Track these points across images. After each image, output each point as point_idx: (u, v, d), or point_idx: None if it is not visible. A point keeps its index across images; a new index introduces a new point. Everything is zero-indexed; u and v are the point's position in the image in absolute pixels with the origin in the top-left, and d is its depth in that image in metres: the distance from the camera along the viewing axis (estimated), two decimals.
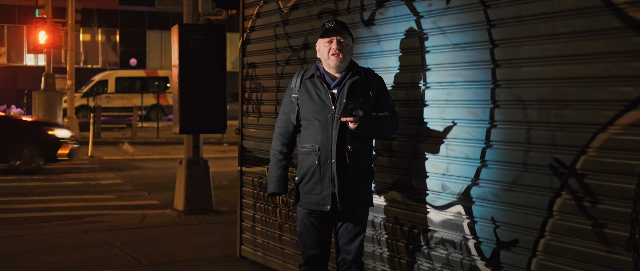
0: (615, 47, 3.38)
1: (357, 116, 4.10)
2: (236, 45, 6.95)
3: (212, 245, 7.38)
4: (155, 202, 10.66)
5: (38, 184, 12.49)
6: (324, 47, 4.33)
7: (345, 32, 4.32)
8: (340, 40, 4.29)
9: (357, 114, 4.10)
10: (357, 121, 4.11)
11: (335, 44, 4.29)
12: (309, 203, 4.35)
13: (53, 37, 22.99)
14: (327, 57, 4.32)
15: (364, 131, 4.20)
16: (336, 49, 4.27)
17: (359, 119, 4.11)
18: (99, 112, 23.96)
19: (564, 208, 3.64)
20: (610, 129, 3.41)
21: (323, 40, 4.33)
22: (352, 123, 4.12)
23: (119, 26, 43.33)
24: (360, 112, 4.11)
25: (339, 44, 4.29)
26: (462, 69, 4.22)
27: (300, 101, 4.37)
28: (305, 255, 4.46)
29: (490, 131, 4.04)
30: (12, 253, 7.06)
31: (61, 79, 30.96)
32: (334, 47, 4.29)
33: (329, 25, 4.32)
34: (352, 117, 4.09)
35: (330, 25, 4.31)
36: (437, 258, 4.44)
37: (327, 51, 4.31)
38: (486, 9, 4.02)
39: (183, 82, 8.84)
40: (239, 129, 6.70)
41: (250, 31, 6.51)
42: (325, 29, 4.32)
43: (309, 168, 4.32)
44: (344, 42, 4.30)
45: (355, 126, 4.13)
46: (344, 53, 4.29)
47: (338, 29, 4.29)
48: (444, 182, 4.37)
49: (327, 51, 4.31)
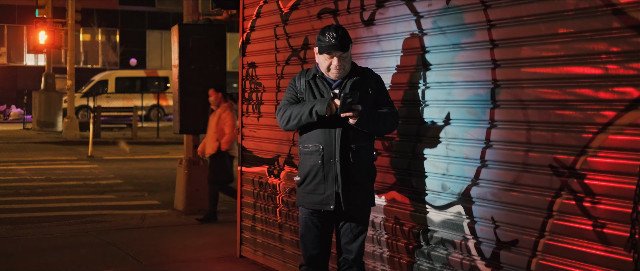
0: (615, 47, 3.38)
1: (356, 110, 4.09)
2: (236, 45, 6.96)
3: (212, 245, 7.38)
4: (155, 202, 10.66)
5: (38, 184, 12.49)
6: (324, 61, 4.30)
7: (345, 46, 4.25)
8: (342, 56, 4.26)
9: (356, 109, 4.09)
10: (357, 116, 4.10)
11: (336, 61, 4.26)
12: (312, 203, 4.34)
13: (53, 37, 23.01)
14: (326, 70, 4.31)
15: (364, 126, 4.19)
16: (337, 65, 4.27)
17: (359, 113, 4.10)
18: (99, 112, 23.95)
19: (564, 208, 3.64)
20: (610, 129, 3.41)
21: (324, 55, 4.28)
22: (352, 118, 4.11)
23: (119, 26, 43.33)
24: (359, 107, 4.10)
25: (340, 60, 4.26)
26: (462, 69, 4.22)
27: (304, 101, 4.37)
28: (306, 255, 4.46)
29: (490, 131, 4.04)
30: (12, 253, 7.06)
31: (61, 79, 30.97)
32: (335, 64, 4.27)
33: (329, 41, 4.22)
34: (351, 112, 4.08)
35: (331, 42, 4.22)
36: (437, 258, 4.44)
37: (327, 65, 4.30)
38: (486, 9, 4.02)
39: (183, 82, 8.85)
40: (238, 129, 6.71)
41: (250, 31, 6.51)
42: (326, 45, 4.24)
43: (312, 168, 4.31)
44: (344, 55, 4.28)
45: (355, 121, 4.12)
46: (344, 66, 4.28)
47: (338, 47, 4.22)
48: (444, 182, 4.37)
49: (327, 64, 4.29)
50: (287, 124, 4.33)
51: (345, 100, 4.05)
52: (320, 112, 4.15)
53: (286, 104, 4.39)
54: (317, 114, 4.17)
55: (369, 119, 4.18)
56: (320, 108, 4.15)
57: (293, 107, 4.32)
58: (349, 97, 4.04)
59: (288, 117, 4.31)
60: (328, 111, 4.13)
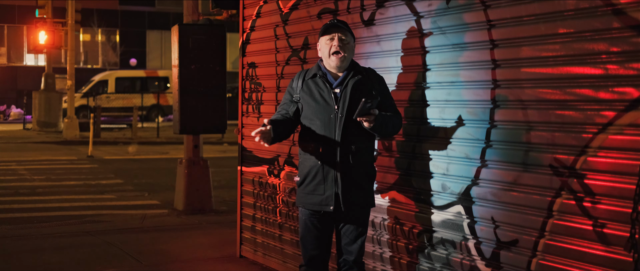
0: (615, 47, 3.38)
1: (374, 114, 4.09)
2: (236, 45, 6.96)
3: (212, 245, 7.38)
4: (155, 202, 10.67)
5: (38, 184, 12.49)
6: (325, 45, 4.31)
7: (346, 30, 4.31)
8: (342, 37, 4.27)
9: (374, 113, 4.08)
10: (373, 120, 4.09)
11: (336, 41, 4.27)
12: (311, 204, 4.33)
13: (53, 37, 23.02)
14: (328, 56, 4.30)
15: (377, 130, 4.18)
16: (337, 46, 4.25)
17: (375, 118, 4.10)
18: (99, 112, 23.96)
19: (564, 208, 3.64)
20: (610, 129, 3.41)
21: (324, 38, 4.32)
22: (368, 122, 4.10)
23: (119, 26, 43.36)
24: (376, 111, 4.09)
25: (340, 41, 4.27)
26: (462, 69, 4.22)
27: (303, 100, 4.36)
28: (306, 256, 4.46)
29: (490, 131, 4.04)
30: (12, 253, 7.06)
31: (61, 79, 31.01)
32: (335, 44, 4.26)
33: (330, 22, 4.31)
34: (369, 116, 4.07)
35: (332, 22, 4.31)
36: (437, 258, 4.44)
37: (328, 49, 4.29)
38: (486, 9, 4.02)
39: (183, 82, 8.84)
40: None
41: (250, 31, 6.51)
42: (326, 25, 4.31)
43: (311, 169, 4.30)
44: (345, 39, 4.28)
45: (371, 125, 4.11)
46: (345, 51, 4.27)
47: (339, 26, 4.28)
48: (444, 182, 4.37)
49: (328, 48, 4.29)
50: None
51: (366, 104, 4.01)
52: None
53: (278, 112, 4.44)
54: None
55: (382, 123, 4.17)
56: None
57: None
58: (369, 102, 4.00)
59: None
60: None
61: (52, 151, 19.13)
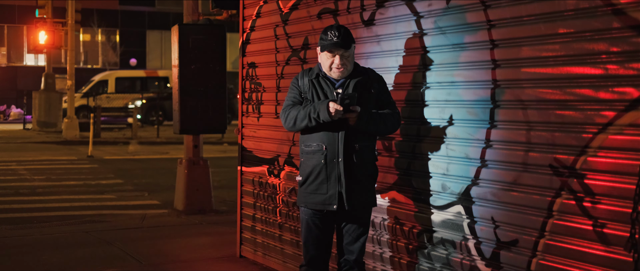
0: (615, 47, 3.38)
1: (355, 111, 4.09)
2: (236, 45, 6.96)
3: (212, 245, 7.38)
4: (155, 202, 10.66)
5: (38, 184, 12.49)
6: (327, 59, 4.29)
7: (347, 45, 4.25)
8: (343, 54, 4.26)
9: (355, 110, 4.09)
10: (355, 117, 4.10)
11: (338, 59, 4.25)
12: (314, 203, 4.33)
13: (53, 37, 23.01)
14: (329, 70, 4.31)
15: (363, 127, 4.20)
16: (339, 64, 4.26)
17: (357, 115, 4.10)
18: (99, 112, 23.95)
19: (564, 208, 3.63)
20: (610, 129, 3.41)
21: (326, 54, 4.28)
22: (350, 119, 4.12)
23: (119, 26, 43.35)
24: (357, 108, 4.10)
25: (342, 58, 4.26)
26: (462, 69, 4.22)
27: (307, 100, 4.36)
28: (307, 256, 4.46)
29: (490, 131, 4.04)
30: (12, 253, 7.06)
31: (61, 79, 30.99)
32: (336, 62, 4.26)
33: (331, 39, 4.23)
34: (350, 113, 4.08)
35: (333, 40, 4.23)
36: (437, 258, 4.44)
37: (329, 64, 4.29)
38: (486, 9, 4.02)
39: (183, 82, 8.84)
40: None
41: (250, 31, 6.51)
42: (328, 43, 4.25)
43: (314, 168, 4.30)
44: (346, 54, 4.27)
45: (354, 122, 4.13)
46: (346, 65, 4.28)
47: (341, 45, 4.22)
48: (444, 182, 4.37)
49: (330, 64, 4.29)
50: (294, 126, 4.32)
51: (343, 101, 4.05)
52: (324, 119, 4.12)
53: (290, 106, 4.38)
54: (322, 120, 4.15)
55: (369, 120, 4.18)
56: (324, 116, 4.12)
57: (297, 109, 4.29)
58: (346, 99, 4.04)
59: (293, 120, 4.29)
60: (329, 116, 4.11)
61: (52, 151, 19.13)
